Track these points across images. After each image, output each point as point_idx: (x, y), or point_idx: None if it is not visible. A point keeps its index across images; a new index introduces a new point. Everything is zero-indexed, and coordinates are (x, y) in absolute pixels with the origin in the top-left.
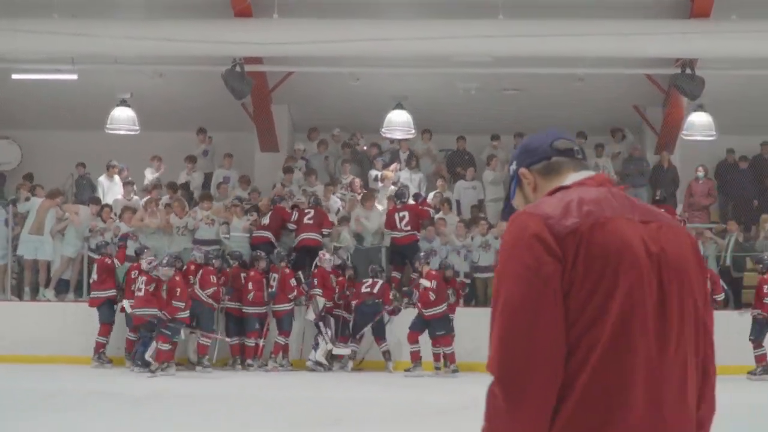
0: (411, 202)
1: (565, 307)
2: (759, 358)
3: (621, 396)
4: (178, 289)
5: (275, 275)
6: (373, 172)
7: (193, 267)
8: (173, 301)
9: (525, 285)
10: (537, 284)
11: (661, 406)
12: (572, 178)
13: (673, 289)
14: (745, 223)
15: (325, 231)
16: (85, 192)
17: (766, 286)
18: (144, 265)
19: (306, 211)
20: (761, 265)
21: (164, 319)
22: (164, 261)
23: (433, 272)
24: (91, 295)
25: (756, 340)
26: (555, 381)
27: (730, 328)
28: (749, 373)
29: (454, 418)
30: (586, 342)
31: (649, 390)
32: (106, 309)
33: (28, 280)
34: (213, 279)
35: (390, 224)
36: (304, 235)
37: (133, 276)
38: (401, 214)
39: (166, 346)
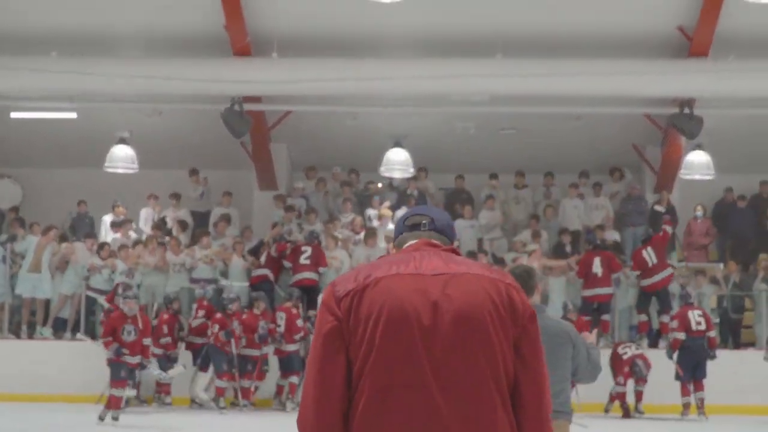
0: None
1: (350, 357)
2: None
3: (377, 415)
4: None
5: (282, 314)
6: (370, 211)
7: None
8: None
9: (316, 342)
10: (320, 340)
11: (417, 426)
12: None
13: (445, 331)
14: (743, 263)
15: (321, 270)
16: (85, 230)
17: None
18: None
19: (303, 249)
20: None
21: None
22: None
23: None
24: None
25: None
26: (337, 420)
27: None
28: None
29: None
30: (359, 388)
31: (405, 412)
32: None
33: (25, 319)
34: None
35: None
36: (301, 275)
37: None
38: None
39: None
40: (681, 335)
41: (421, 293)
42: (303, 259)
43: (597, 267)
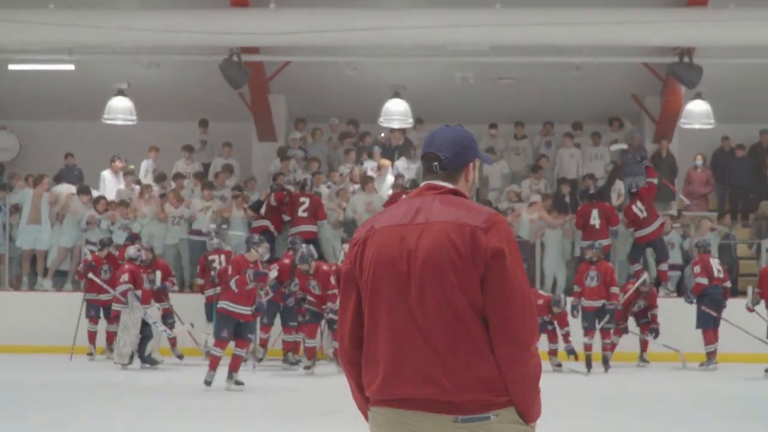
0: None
1: (360, 294)
2: None
3: (373, 345)
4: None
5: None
6: (368, 163)
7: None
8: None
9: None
10: (341, 279)
11: (401, 352)
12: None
13: (416, 271)
14: (742, 212)
15: (319, 222)
16: (73, 182)
17: None
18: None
19: (301, 200)
20: None
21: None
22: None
23: None
24: None
25: None
26: (349, 342)
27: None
28: None
29: None
30: (365, 319)
31: (391, 341)
32: None
33: (26, 271)
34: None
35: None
36: (298, 228)
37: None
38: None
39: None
40: (704, 280)
41: (401, 242)
42: (301, 212)
43: (595, 219)
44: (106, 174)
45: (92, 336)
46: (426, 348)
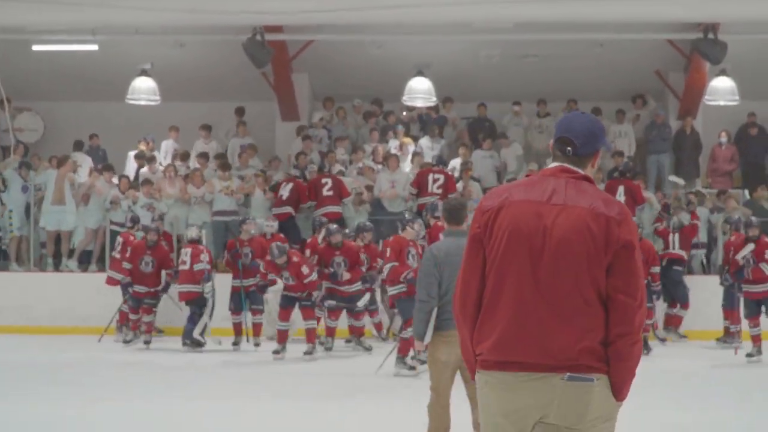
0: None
1: (486, 257)
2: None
3: (492, 307)
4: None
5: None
6: (392, 142)
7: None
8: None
9: (467, 241)
10: (468, 242)
11: (522, 319)
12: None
13: (551, 247)
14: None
15: (344, 200)
16: (98, 163)
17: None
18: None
19: (323, 181)
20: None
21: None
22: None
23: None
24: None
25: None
26: (472, 300)
27: None
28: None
29: None
30: (488, 282)
31: (514, 307)
32: None
33: (50, 251)
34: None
35: (421, 184)
36: (324, 209)
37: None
38: (436, 176)
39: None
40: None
41: (538, 218)
42: (325, 191)
43: (620, 195)
44: (132, 155)
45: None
46: (547, 319)
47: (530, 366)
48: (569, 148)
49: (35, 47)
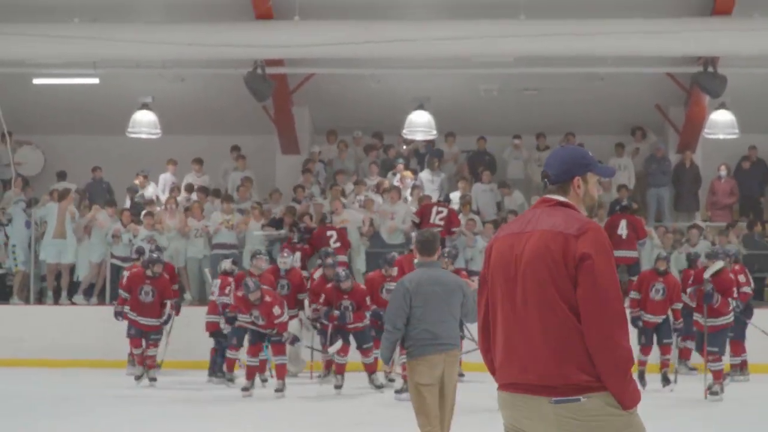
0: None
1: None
2: None
3: (493, 338)
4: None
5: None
6: (392, 177)
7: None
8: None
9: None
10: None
11: (509, 343)
12: None
13: (520, 273)
14: (749, 222)
15: (349, 251)
16: (102, 196)
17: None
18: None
19: (328, 234)
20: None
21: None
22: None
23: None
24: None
25: None
26: (485, 333)
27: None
28: None
29: None
30: (489, 308)
31: (503, 333)
32: None
33: (50, 285)
34: None
35: (423, 216)
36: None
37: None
38: (440, 209)
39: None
40: (749, 289)
41: (511, 249)
42: (332, 243)
43: (623, 229)
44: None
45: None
46: (527, 341)
47: (521, 387)
48: (545, 180)
49: (36, 81)
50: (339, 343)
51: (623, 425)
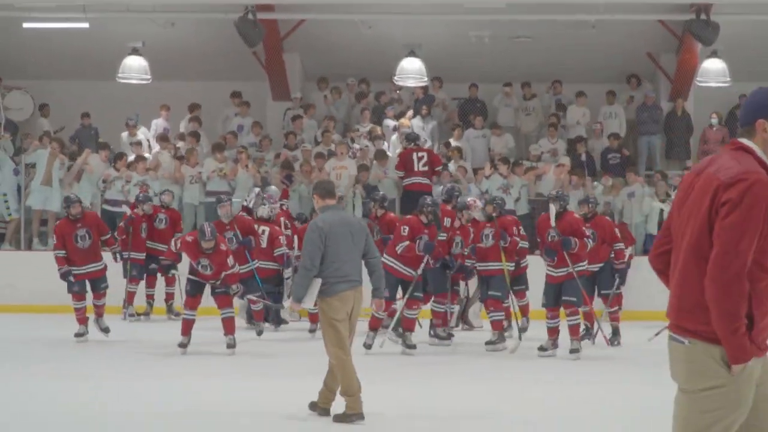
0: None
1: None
2: None
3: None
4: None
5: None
6: (388, 121)
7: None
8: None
9: (753, 235)
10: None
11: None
12: None
13: (684, 213)
14: None
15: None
16: (90, 142)
17: None
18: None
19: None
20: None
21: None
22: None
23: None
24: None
25: None
26: (661, 256)
27: None
28: None
29: None
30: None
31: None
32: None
33: (36, 231)
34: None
35: (406, 166)
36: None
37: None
38: (420, 154)
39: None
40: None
41: (688, 187)
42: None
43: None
44: (125, 136)
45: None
46: (674, 278)
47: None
48: (738, 124)
49: (26, 25)
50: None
51: (714, 378)
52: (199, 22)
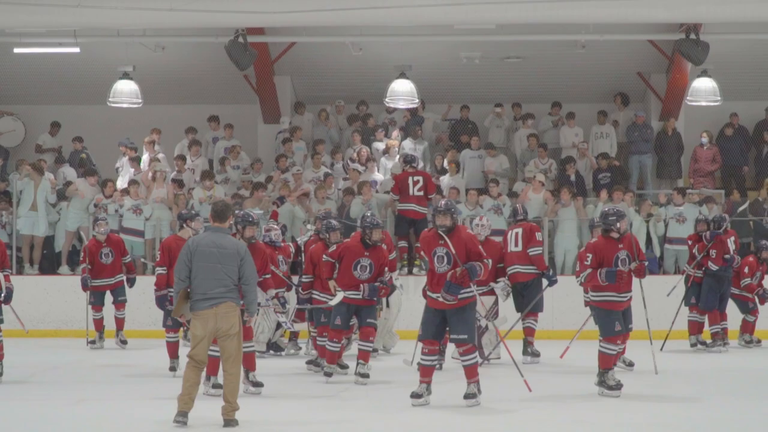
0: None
1: None
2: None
3: None
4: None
5: None
6: (377, 145)
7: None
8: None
9: None
10: None
11: None
12: None
13: None
14: (736, 189)
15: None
16: (81, 166)
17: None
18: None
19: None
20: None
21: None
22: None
23: None
24: None
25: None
26: None
27: None
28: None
29: None
30: None
31: None
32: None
33: (26, 256)
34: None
35: (401, 190)
36: None
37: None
38: (416, 178)
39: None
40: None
41: None
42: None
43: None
44: (124, 161)
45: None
46: None
47: None
48: None
49: (17, 50)
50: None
51: None
52: (190, 46)
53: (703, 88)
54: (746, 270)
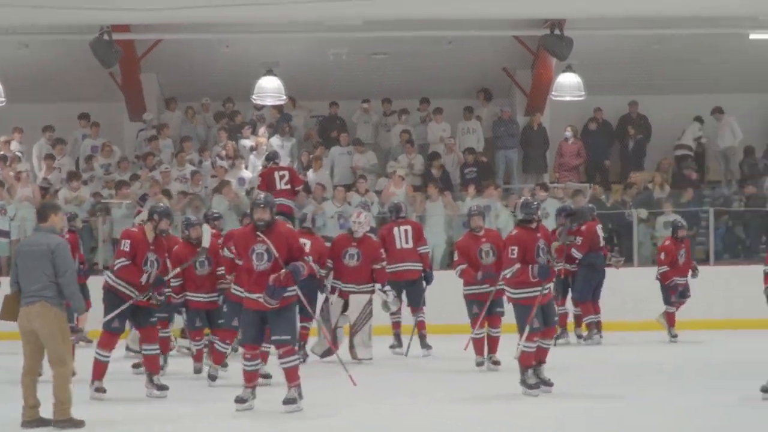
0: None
1: None
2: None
3: None
4: None
5: None
6: (245, 141)
7: None
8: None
9: None
10: None
11: None
12: None
13: None
14: (601, 183)
15: None
16: None
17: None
18: None
19: None
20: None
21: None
22: None
23: None
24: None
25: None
26: None
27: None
28: None
29: None
30: None
31: None
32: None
33: None
34: None
35: (268, 185)
36: None
37: None
38: (281, 173)
39: None
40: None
41: None
42: None
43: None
44: None
45: None
46: None
47: None
48: None
49: None
50: None
51: None
52: (54, 43)
53: (568, 84)
54: (662, 256)
